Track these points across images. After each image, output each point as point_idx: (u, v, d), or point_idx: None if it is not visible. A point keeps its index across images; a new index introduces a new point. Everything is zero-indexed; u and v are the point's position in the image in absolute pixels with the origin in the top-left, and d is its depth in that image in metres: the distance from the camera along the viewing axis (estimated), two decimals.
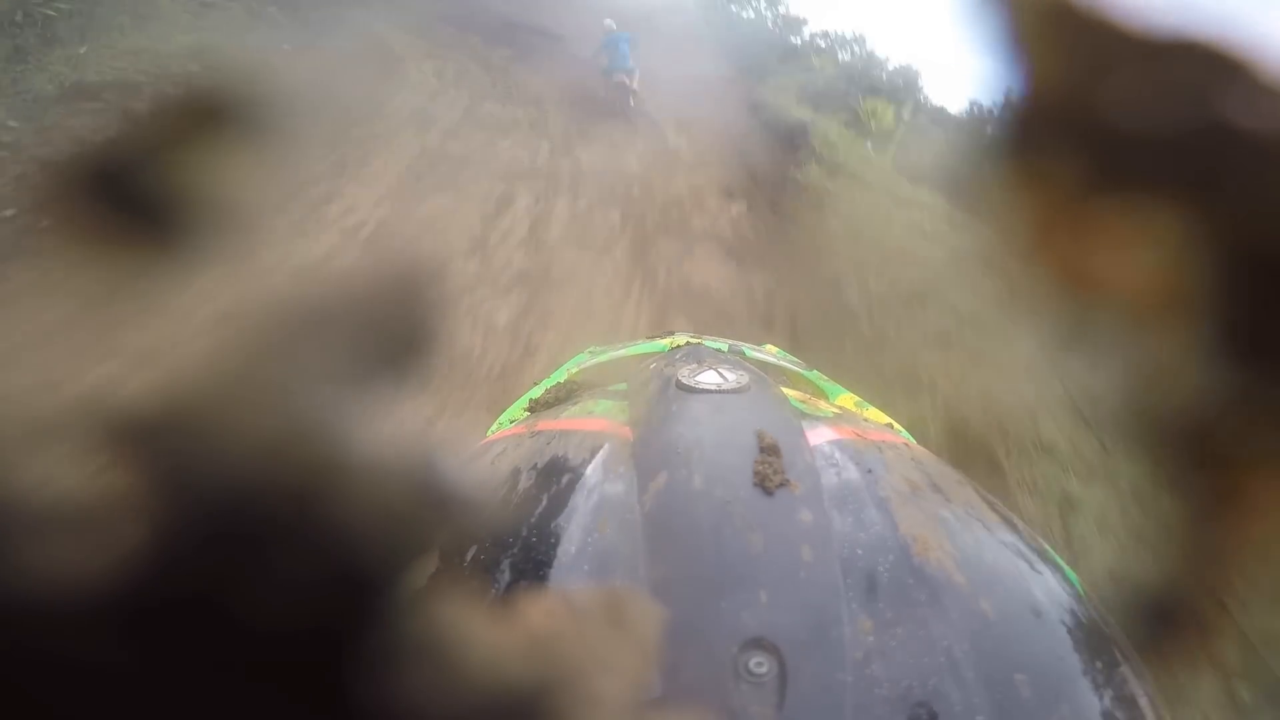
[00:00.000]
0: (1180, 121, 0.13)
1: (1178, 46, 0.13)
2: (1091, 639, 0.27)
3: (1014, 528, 0.32)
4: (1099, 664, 0.26)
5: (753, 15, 8.14)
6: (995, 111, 0.15)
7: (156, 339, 1.55)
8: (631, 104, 4.53)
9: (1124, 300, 0.15)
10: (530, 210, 2.92)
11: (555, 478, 0.33)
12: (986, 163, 0.15)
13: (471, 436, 0.47)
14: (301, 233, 2.35)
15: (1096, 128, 0.14)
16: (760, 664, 0.23)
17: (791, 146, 3.97)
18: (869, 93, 5.56)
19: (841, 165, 3.73)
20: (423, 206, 2.75)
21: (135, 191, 0.12)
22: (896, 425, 0.49)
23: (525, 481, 0.33)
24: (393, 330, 0.10)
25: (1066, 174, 0.14)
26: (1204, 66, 0.13)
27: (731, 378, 0.38)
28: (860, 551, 0.28)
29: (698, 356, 0.45)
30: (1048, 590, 0.28)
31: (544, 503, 0.31)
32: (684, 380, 0.38)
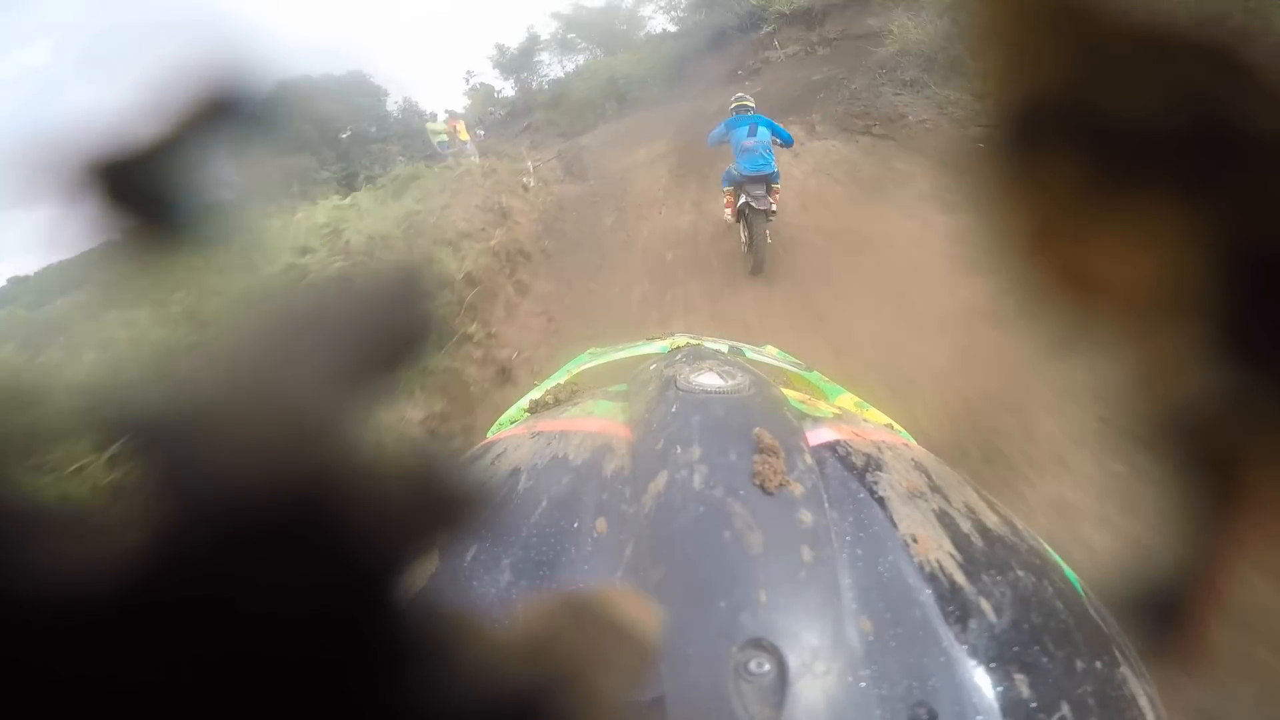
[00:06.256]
0: (1180, 121, 0.13)
1: (1179, 46, 0.13)
2: (1091, 639, 0.27)
3: (1013, 527, 0.32)
4: (1099, 664, 0.26)
5: None
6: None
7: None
8: (765, 256, 2.40)
9: (1123, 300, 0.15)
10: None
11: (555, 478, 0.33)
12: (986, 161, 0.15)
13: (472, 437, 0.47)
14: None
15: (1096, 127, 0.14)
16: (760, 664, 0.23)
17: None
18: None
19: None
20: None
21: None
22: (896, 426, 0.49)
23: (526, 482, 0.33)
24: (394, 331, 0.10)
25: (1065, 173, 0.14)
26: (1205, 66, 0.13)
27: (731, 379, 0.38)
28: (860, 551, 0.28)
29: (698, 357, 0.45)
30: (1047, 590, 0.28)
31: (544, 503, 0.31)
32: (684, 381, 0.38)
